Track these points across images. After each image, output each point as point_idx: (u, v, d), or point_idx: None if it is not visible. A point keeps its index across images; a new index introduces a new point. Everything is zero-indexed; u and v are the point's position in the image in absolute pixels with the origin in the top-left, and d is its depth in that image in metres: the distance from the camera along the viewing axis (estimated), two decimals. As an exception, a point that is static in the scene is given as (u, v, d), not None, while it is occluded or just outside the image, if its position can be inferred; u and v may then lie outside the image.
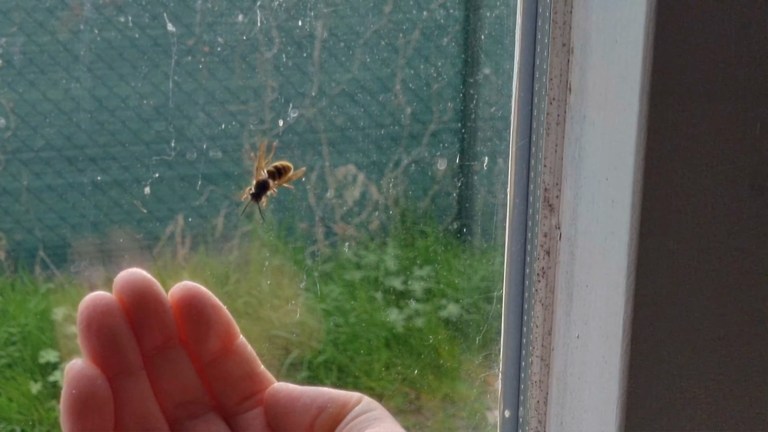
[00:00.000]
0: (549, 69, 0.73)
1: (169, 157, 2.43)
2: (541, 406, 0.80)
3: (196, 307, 0.56)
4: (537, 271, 0.77)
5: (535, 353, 0.79)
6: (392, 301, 2.18)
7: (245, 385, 0.58)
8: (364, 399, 0.56)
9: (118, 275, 0.56)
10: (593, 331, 0.72)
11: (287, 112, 2.25)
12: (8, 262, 2.49)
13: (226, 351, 0.57)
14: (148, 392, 0.56)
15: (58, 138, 2.50)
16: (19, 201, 2.52)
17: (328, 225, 2.22)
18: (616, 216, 0.67)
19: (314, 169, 2.29)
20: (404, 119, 2.28)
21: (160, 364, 0.56)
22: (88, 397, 0.53)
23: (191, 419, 0.57)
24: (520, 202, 0.78)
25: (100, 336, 0.54)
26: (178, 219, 2.39)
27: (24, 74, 2.44)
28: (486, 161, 2.01)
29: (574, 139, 0.72)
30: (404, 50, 2.24)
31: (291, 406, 0.56)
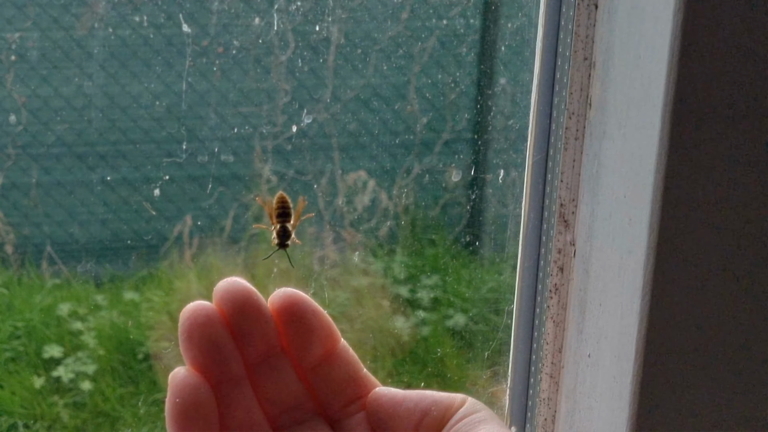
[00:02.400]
0: (569, 83, 0.72)
1: (180, 159, 2.42)
2: (548, 424, 0.79)
3: (296, 314, 0.56)
4: (549, 287, 0.76)
5: (544, 370, 0.78)
6: (399, 309, 2.17)
7: (349, 389, 0.58)
8: (468, 400, 0.55)
9: (218, 284, 0.56)
10: (605, 350, 0.71)
11: (301, 118, 2.24)
12: (15, 256, 2.49)
13: (329, 356, 0.57)
14: (252, 400, 0.56)
15: (69, 134, 2.49)
16: (28, 196, 2.52)
17: (336, 230, 2.22)
18: (633, 235, 0.66)
19: (325, 175, 2.28)
20: (417, 127, 2.27)
21: (263, 372, 0.56)
22: (192, 405, 0.53)
23: (296, 425, 0.57)
24: (534, 217, 0.77)
25: (201, 345, 0.54)
26: (187, 219, 2.39)
27: (37, 69, 2.44)
28: (500, 173, 2.00)
29: (592, 155, 0.71)
30: (420, 58, 2.24)
31: (394, 410, 0.56)
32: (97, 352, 2.31)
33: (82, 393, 2.25)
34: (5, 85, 2.42)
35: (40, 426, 2.19)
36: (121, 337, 2.34)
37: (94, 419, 2.23)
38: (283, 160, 2.31)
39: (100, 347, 2.32)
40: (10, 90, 2.42)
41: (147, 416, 2.23)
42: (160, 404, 2.24)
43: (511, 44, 1.80)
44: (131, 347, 2.32)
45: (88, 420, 2.23)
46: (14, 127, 2.44)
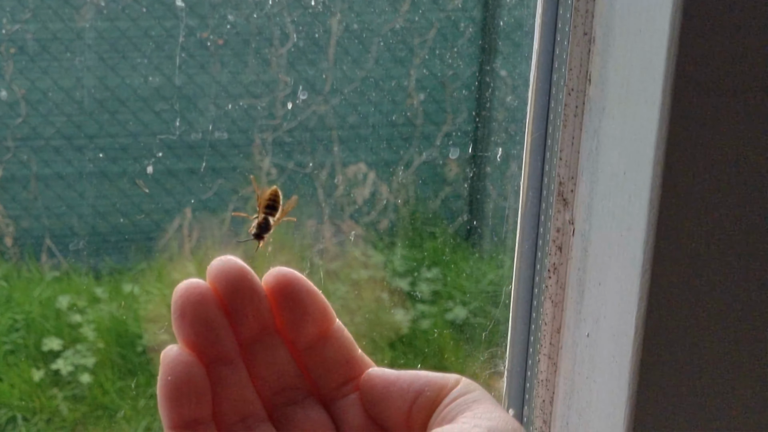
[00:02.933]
0: (569, 59, 0.71)
1: (178, 150, 2.42)
2: (546, 406, 0.78)
3: (291, 293, 0.56)
4: (548, 267, 0.75)
5: (542, 351, 0.77)
6: (398, 301, 2.16)
7: (343, 370, 0.57)
8: (462, 381, 0.54)
9: (212, 263, 0.56)
10: (604, 330, 0.70)
11: (297, 95, 2.24)
12: (15, 248, 2.49)
13: (323, 336, 0.57)
14: (246, 380, 0.55)
15: (68, 127, 2.49)
16: (27, 188, 2.51)
17: (336, 223, 2.21)
18: (633, 212, 0.66)
19: (325, 167, 2.28)
20: (417, 119, 2.27)
21: (256, 351, 0.56)
22: (185, 383, 0.53)
23: (289, 405, 0.57)
24: (533, 196, 0.76)
25: (194, 324, 0.53)
26: (186, 212, 2.38)
27: (36, 61, 2.43)
28: (498, 165, 1.99)
29: (592, 132, 0.70)
30: (419, 49, 2.23)
31: (387, 391, 0.55)
32: (96, 344, 2.31)
33: (82, 386, 2.25)
34: (4, 77, 2.41)
35: (39, 419, 2.19)
36: (120, 329, 2.34)
37: (93, 412, 2.23)
38: (283, 152, 2.31)
39: (99, 340, 2.32)
40: (9, 82, 2.42)
41: (146, 409, 2.22)
42: (158, 397, 2.24)
43: (509, 21, 1.80)
44: (130, 340, 2.32)
45: (88, 413, 2.23)
46: (13, 119, 2.44)
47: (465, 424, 0.51)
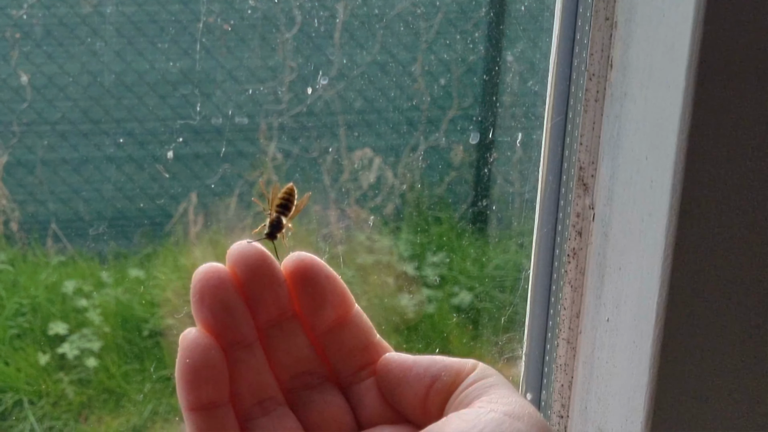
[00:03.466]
0: (590, 44, 0.71)
1: (184, 137, 2.42)
2: (565, 390, 0.78)
3: (310, 278, 0.56)
4: (567, 251, 0.76)
5: (561, 336, 0.77)
6: (404, 286, 2.16)
7: (361, 355, 0.57)
8: (479, 366, 0.55)
9: (231, 247, 0.56)
10: (624, 315, 0.70)
11: (317, 80, 2.23)
12: (20, 233, 2.49)
13: (342, 321, 0.57)
14: (264, 363, 0.56)
15: (74, 111, 2.49)
16: (33, 173, 2.51)
17: (342, 208, 2.21)
18: (654, 197, 0.66)
19: (330, 152, 2.27)
20: (423, 104, 2.26)
21: (275, 336, 0.56)
22: (203, 366, 0.53)
23: (306, 389, 0.57)
24: (552, 181, 0.76)
25: (213, 307, 0.54)
26: (192, 196, 2.38)
27: (42, 46, 2.43)
28: (511, 150, 1.99)
29: (613, 117, 0.70)
30: (427, 33, 2.23)
31: (404, 375, 0.55)
32: (102, 329, 2.31)
33: (87, 370, 2.25)
34: (10, 62, 2.41)
35: (45, 402, 2.19)
36: (126, 314, 2.34)
37: (99, 396, 2.23)
38: (289, 137, 2.30)
39: (105, 324, 2.32)
40: (14, 67, 2.41)
41: (152, 393, 2.23)
42: (165, 381, 2.24)
43: (530, 5, 1.79)
44: (136, 324, 2.32)
45: (93, 397, 2.23)
46: (19, 104, 2.44)
47: (481, 408, 0.51)
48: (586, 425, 0.76)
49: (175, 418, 2.20)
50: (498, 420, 0.49)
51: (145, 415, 2.19)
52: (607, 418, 0.73)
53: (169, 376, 2.24)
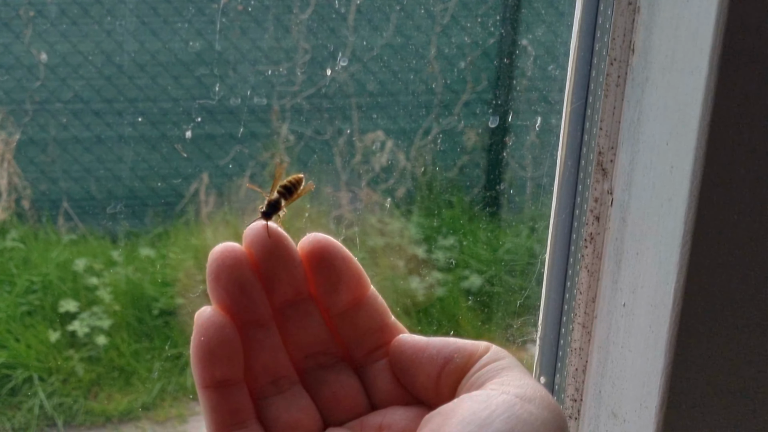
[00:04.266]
0: (612, 28, 0.71)
1: (197, 117, 2.42)
2: (579, 374, 0.78)
3: (325, 259, 0.56)
4: (584, 236, 0.75)
5: (576, 320, 0.77)
6: (414, 269, 2.17)
7: (375, 336, 0.57)
8: (491, 348, 0.54)
9: (248, 228, 0.56)
10: (641, 300, 0.70)
11: (336, 61, 2.23)
12: (32, 211, 2.49)
13: (357, 302, 0.57)
14: (278, 343, 0.56)
15: (86, 90, 2.49)
16: (45, 152, 2.52)
17: (353, 191, 2.21)
18: (674, 183, 0.66)
19: (343, 135, 2.28)
20: (437, 87, 2.26)
21: (290, 316, 0.56)
22: (217, 343, 0.53)
23: (320, 369, 0.57)
24: (571, 165, 0.76)
25: (228, 287, 0.54)
26: (203, 177, 2.39)
27: (56, 25, 2.43)
28: (520, 135, 1.99)
29: (634, 102, 0.70)
30: (442, 17, 2.22)
31: (417, 357, 0.55)
32: (112, 307, 2.32)
33: (97, 347, 2.26)
34: (23, 41, 2.41)
35: (55, 379, 2.20)
36: (136, 292, 2.35)
37: (109, 373, 2.24)
38: (302, 119, 2.31)
39: (115, 303, 2.33)
40: (28, 46, 2.42)
41: (161, 371, 2.24)
42: (174, 360, 2.25)
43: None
44: (147, 303, 2.33)
45: (103, 374, 2.24)
46: (32, 82, 2.44)
47: (493, 390, 0.51)
48: (599, 409, 0.76)
49: (183, 396, 2.20)
50: (509, 402, 0.49)
51: (154, 393, 2.21)
52: (621, 402, 0.73)
53: (178, 355, 2.25)
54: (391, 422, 0.55)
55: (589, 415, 0.78)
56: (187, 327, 2.45)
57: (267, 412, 0.55)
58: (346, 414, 0.57)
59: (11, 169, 2.46)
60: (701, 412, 0.69)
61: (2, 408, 2.16)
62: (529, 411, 0.50)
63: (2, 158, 2.45)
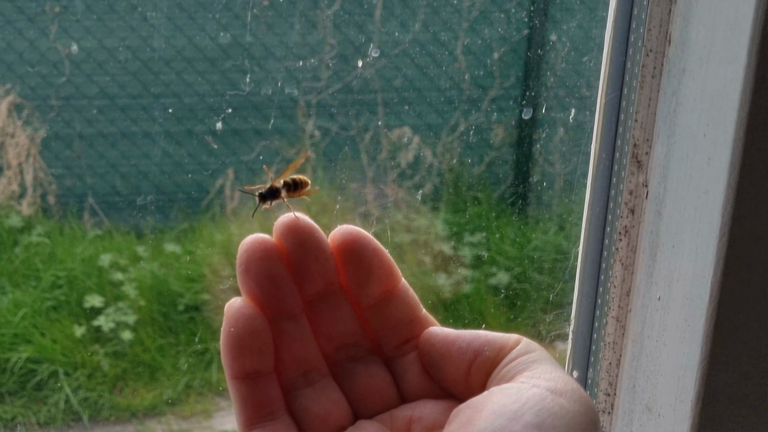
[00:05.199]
0: (647, 19, 0.70)
1: (228, 109, 2.42)
2: (612, 368, 0.77)
3: (356, 251, 0.55)
4: (619, 229, 0.75)
5: (610, 314, 0.77)
6: (441, 265, 2.16)
7: (406, 329, 0.57)
8: (522, 341, 0.54)
9: (279, 220, 0.55)
10: (677, 293, 0.69)
11: (368, 52, 2.23)
12: (57, 206, 2.50)
13: (388, 295, 0.56)
14: (309, 335, 0.55)
15: (112, 86, 2.50)
16: (70, 147, 2.53)
17: (379, 187, 2.21)
18: (712, 175, 0.65)
19: (369, 130, 2.27)
20: (464, 82, 2.25)
21: (320, 308, 0.56)
22: (247, 335, 0.53)
23: (351, 362, 0.57)
24: (605, 158, 0.75)
25: (258, 278, 0.53)
26: (229, 173, 2.39)
27: (81, 21, 2.44)
28: (548, 129, 1.98)
29: (670, 93, 0.69)
30: (469, 11, 2.22)
31: (447, 350, 0.55)
32: (137, 302, 2.33)
33: (123, 343, 2.27)
34: (49, 36, 2.42)
35: (80, 374, 2.21)
36: (161, 288, 2.35)
37: (134, 369, 2.25)
38: (327, 115, 2.30)
39: (140, 298, 2.34)
40: (53, 41, 2.42)
41: (187, 366, 2.24)
42: (199, 355, 2.26)
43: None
44: (172, 298, 2.34)
45: (128, 369, 2.25)
46: (57, 78, 2.45)
47: (524, 383, 0.50)
48: (633, 403, 0.75)
49: (209, 391, 2.21)
50: (540, 395, 0.49)
51: (179, 388, 2.21)
52: (655, 396, 0.72)
53: (203, 350, 2.26)
54: (421, 415, 0.55)
55: (622, 410, 0.78)
56: (213, 322, 2.45)
57: (297, 403, 0.55)
58: (376, 406, 0.56)
59: (37, 164, 2.47)
60: (737, 407, 0.68)
61: (28, 402, 2.17)
62: (560, 404, 0.49)
63: (28, 154, 2.46)
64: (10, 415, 2.15)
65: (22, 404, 2.17)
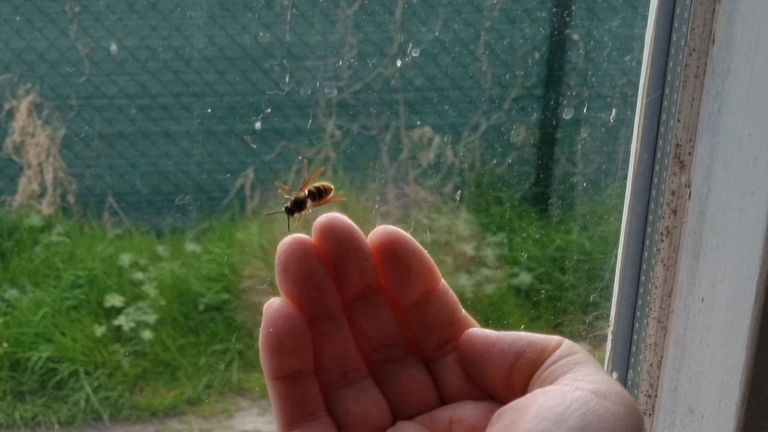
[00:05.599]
0: (691, 18, 0.69)
1: (242, 111, 2.42)
2: (654, 370, 0.77)
3: (396, 252, 0.55)
4: (660, 230, 0.74)
5: (651, 315, 0.76)
6: (462, 266, 2.16)
7: (445, 330, 0.56)
8: (564, 342, 0.54)
9: (318, 220, 0.55)
10: (721, 294, 0.69)
11: (408, 52, 2.23)
12: (77, 206, 2.51)
13: (428, 296, 0.56)
14: (348, 336, 0.55)
15: (131, 86, 2.50)
16: (90, 147, 2.53)
17: (400, 186, 2.21)
18: (757, 175, 0.64)
19: (390, 130, 2.27)
20: (485, 82, 2.25)
21: (359, 308, 0.55)
22: (286, 335, 0.53)
23: (390, 363, 0.56)
24: (647, 158, 0.75)
25: (297, 278, 0.53)
26: (249, 172, 2.39)
27: (101, 21, 2.44)
28: (567, 130, 1.97)
29: (714, 93, 0.69)
30: (490, 10, 2.21)
31: (487, 351, 0.54)
32: (158, 302, 2.33)
33: (143, 342, 2.27)
34: (69, 36, 2.42)
35: (101, 373, 2.21)
36: (181, 287, 2.35)
37: (155, 368, 2.25)
38: (348, 114, 2.30)
39: (161, 297, 2.34)
40: (74, 41, 2.43)
41: (207, 366, 2.24)
42: (220, 355, 2.26)
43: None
44: (192, 298, 2.34)
45: (149, 369, 2.25)
46: (77, 77, 2.45)
47: (567, 386, 0.50)
48: (675, 405, 0.75)
49: (229, 391, 2.21)
50: (584, 398, 0.48)
51: (199, 388, 2.21)
52: (699, 398, 0.72)
53: (224, 350, 2.26)
54: (461, 417, 0.55)
55: (664, 411, 0.77)
56: (233, 322, 2.45)
57: (337, 404, 0.55)
58: (415, 408, 0.56)
59: (57, 164, 2.47)
60: (784, 409, 0.68)
61: (48, 401, 2.18)
62: (605, 407, 0.49)
63: (48, 153, 2.47)
64: (30, 414, 2.16)
65: (42, 403, 2.17)
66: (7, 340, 2.24)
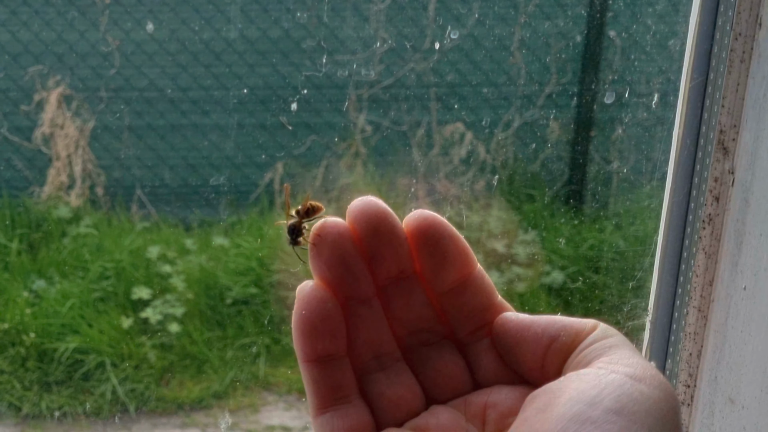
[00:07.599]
0: (737, 2, 0.68)
1: (273, 104, 2.42)
2: (693, 359, 0.76)
3: (431, 237, 0.54)
4: (702, 217, 0.73)
5: (692, 303, 0.75)
6: (493, 263, 2.14)
7: (481, 315, 0.56)
8: (599, 326, 0.53)
9: (352, 203, 0.54)
10: (764, 283, 0.68)
11: (445, 35, 2.22)
12: (105, 198, 2.51)
13: (463, 281, 0.55)
14: (382, 319, 0.55)
15: (161, 79, 2.50)
16: (119, 139, 2.53)
17: (431, 183, 2.20)
18: (805, 160, 0.63)
19: (421, 126, 2.26)
20: (519, 79, 2.23)
21: (394, 293, 0.55)
22: (319, 318, 0.52)
23: (424, 347, 0.56)
24: (690, 144, 0.73)
25: (330, 261, 0.53)
26: (278, 166, 2.39)
27: (132, 13, 2.44)
28: (603, 127, 1.96)
29: (760, 78, 0.67)
30: (525, 5, 2.19)
31: (521, 335, 0.54)
32: (185, 295, 2.33)
33: (170, 335, 2.27)
34: (99, 28, 2.43)
35: (127, 365, 2.22)
36: (209, 281, 2.35)
37: (181, 361, 2.25)
38: (379, 109, 2.29)
39: (188, 291, 2.34)
40: (104, 33, 2.43)
41: (234, 360, 2.24)
42: (246, 349, 2.25)
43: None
44: (220, 291, 2.33)
45: (175, 361, 2.25)
46: (106, 70, 2.46)
47: (601, 369, 0.49)
48: (715, 395, 0.73)
49: (255, 385, 2.21)
50: (619, 381, 0.48)
51: (226, 381, 2.21)
52: (739, 388, 0.70)
53: (250, 344, 2.25)
54: (496, 401, 0.54)
55: (703, 401, 0.76)
56: (261, 317, 2.45)
57: (370, 387, 0.54)
58: (449, 392, 0.55)
59: (85, 156, 2.48)
60: (828, 401, 0.67)
61: (75, 392, 2.18)
62: (640, 390, 0.47)
63: (77, 145, 2.47)
64: (56, 404, 2.16)
65: (68, 394, 2.18)
66: (34, 331, 2.24)
